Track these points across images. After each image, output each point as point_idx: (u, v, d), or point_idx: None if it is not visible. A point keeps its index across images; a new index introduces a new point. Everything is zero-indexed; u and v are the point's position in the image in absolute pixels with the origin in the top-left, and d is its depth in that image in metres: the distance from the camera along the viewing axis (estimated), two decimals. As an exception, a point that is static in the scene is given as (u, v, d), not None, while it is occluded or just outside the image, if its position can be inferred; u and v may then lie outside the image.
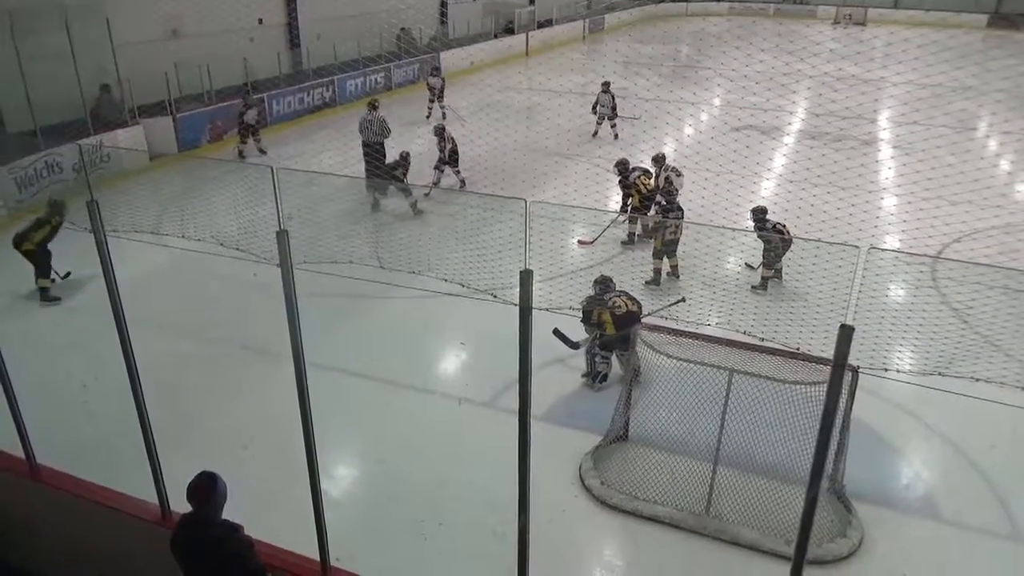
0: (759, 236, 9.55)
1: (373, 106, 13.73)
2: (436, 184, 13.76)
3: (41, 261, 9.41)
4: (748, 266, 10.16)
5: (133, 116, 14.97)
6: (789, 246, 9.43)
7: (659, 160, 11.46)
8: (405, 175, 12.62)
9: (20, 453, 4.98)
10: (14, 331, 8.51)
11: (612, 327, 7.31)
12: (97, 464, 5.39)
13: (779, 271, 9.77)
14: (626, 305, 7.38)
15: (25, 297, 9.60)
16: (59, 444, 5.53)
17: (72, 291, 9.60)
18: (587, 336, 7.56)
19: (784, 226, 9.69)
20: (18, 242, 9.35)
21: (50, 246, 9.49)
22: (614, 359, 7.64)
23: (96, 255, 4.08)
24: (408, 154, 12.68)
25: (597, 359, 7.60)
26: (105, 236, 4.10)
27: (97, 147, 13.63)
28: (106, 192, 12.01)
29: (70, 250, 9.51)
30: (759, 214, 9.64)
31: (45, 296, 9.47)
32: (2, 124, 13.21)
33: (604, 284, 7.69)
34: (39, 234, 9.37)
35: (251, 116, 16.00)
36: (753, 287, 9.69)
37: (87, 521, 4.86)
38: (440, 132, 13.58)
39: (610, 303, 7.40)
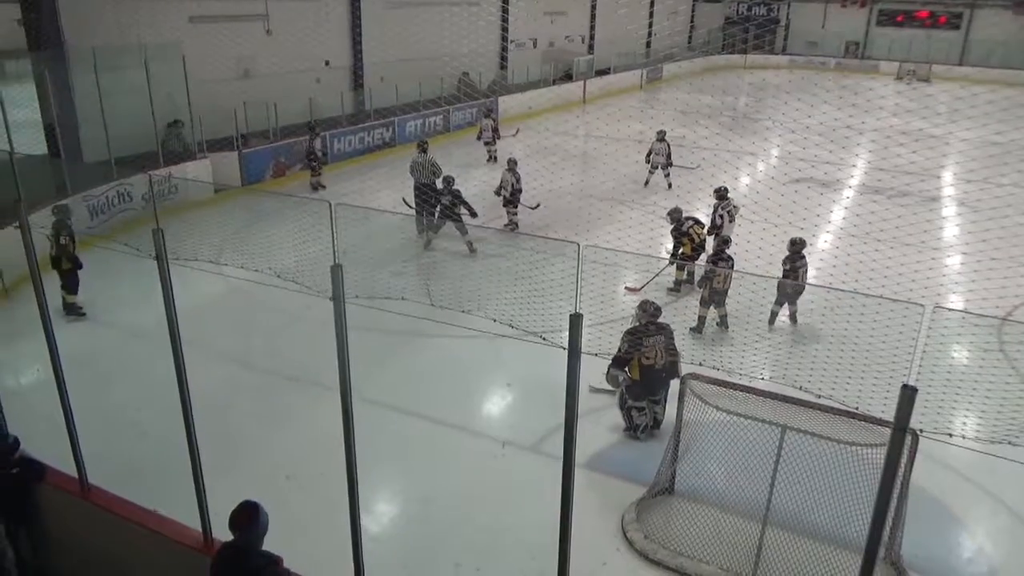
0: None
1: (423, 148, 13.86)
2: (516, 222, 13.88)
3: (71, 278, 9.80)
4: None
5: (201, 150, 15.58)
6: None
7: (721, 194, 11.30)
8: (459, 203, 12.62)
9: (74, 472, 5.10)
10: (72, 353, 8.78)
11: (636, 371, 7.13)
12: (146, 487, 5.47)
13: None
14: (656, 360, 7.18)
15: (83, 320, 9.95)
16: (111, 465, 5.64)
17: (132, 315, 9.89)
18: (616, 381, 7.38)
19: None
20: (56, 263, 9.72)
21: (111, 264, 9.99)
22: (656, 408, 7.46)
23: (156, 280, 4.20)
24: (452, 178, 12.79)
25: (633, 412, 7.40)
26: (168, 263, 4.22)
27: (166, 178, 14.20)
28: (171, 221, 12.43)
29: (133, 275, 9.84)
30: None
31: (71, 310, 9.86)
32: (80, 154, 13.87)
33: (650, 311, 7.32)
34: (67, 251, 9.72)
35: (318, 145, 16.72)
36: None
37: (131, 543, 4.92)
38: (513, 165, 13.72)
39: (645, 347, 7.17)
